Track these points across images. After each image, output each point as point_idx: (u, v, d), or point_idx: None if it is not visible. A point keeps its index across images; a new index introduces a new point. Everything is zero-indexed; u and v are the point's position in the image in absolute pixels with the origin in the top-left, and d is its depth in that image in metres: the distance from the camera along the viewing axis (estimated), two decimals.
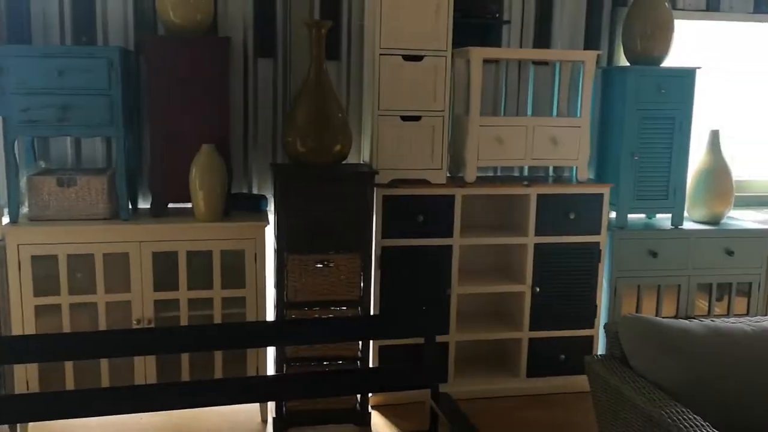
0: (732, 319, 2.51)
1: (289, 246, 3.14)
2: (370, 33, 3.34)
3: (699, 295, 3.81)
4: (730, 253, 3.75)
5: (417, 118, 3.36)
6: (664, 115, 3.64)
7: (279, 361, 3.19)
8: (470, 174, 3.48)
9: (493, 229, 3.73)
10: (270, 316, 3.30)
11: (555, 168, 3.88)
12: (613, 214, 3.76)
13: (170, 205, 3.34)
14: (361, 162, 3.62)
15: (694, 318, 3.68)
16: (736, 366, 2.22)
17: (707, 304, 3.83)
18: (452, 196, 3.44)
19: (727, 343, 2.26)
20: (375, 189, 3.32)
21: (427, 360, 2.15)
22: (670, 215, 3.79)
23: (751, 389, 2.20)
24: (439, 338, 3.52)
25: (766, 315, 3.84)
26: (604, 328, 2.46)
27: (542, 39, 3.83)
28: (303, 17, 3.51)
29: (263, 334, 2.41)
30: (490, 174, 3.87)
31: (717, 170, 3.80)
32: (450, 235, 3.47)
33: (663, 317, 3.73)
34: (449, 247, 3.48)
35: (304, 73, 3.26)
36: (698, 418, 1.95)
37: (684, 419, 1.95)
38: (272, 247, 3.28)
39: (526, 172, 3.90)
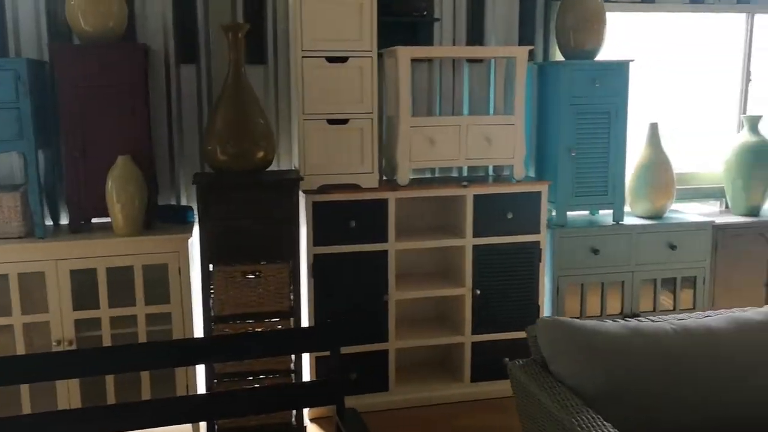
0: (657, 318, 2.44)
1: (214, 258, 3.04)
2: (293, 35, 3.24)
3: (644, 290, 3.75)
4: (672, 247, 3.69)
5: (344, 121, 3.27)
6: (599, 109, 3.58)
7: (209, 378, 3.08)
8: (403, 176, 3.40)
9: (432, 231, 3.64)
10: (198, 331, 3.18)
11: (495, 167, 3.80)
12: (554, 212, 3.70)
13: (94, 220, 3.23)
14: (293, 168, 3.52)
15: (639, 315, 3.63)
16: (658, 367, 2.14)
17: (653, 300, 3.76)
18: (385, 200, 3.35)
19: (649, 343, 2.19)
20: (304, 195, 3.24)
21: (331, 374, 2.05)
22: (612, 211, 3.73)
23: (673, 390, 2.12)
24: (378, 346, 3.45)
25: (713, 308, 3.79)
26: (525, 331, 2.38)
27: (476, 36, 3.75)
28: (224, 21, 3.41)
29: (189, 351, 2.30)
30: (428, 176, 3.79)
31: (657, 163, 3.74)
32: (385, 239, 3.38)
33: (608, 315, 3.69)
34: (384, 252, 3.39)
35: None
36: (608, 425, 1.87)
37: (594, 426, 1.87)
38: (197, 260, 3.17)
39: (465, 172, 3.83)
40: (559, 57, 3.77)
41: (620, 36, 3.95)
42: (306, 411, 3.34)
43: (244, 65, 3.08)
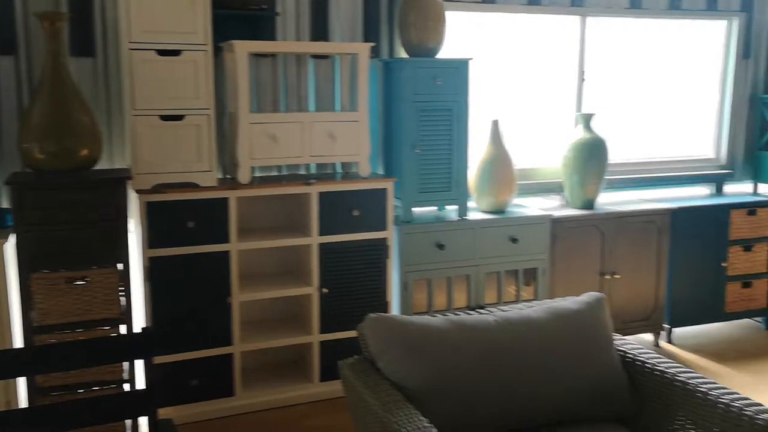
0: (485, 311, 2.49)
1: (33, 264, 2.82)
2: (120, 26, 3.07)
3: (489, 283, 3.85)
4: (514, 240, 3.81)
5: (179, 118, 3.13)
6: (441, 106, 3.63)
7: (31, 392, 2.86)
8: (244, 174, 3.30)
9: (278, 230, 3.57)
10: (19, 343, 2.95)
11: (344, 164, 3.78)
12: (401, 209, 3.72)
13: None
14: (127, 167, 3.34)
15: (482, 308, 3.72)
16: (479, 359, 2.18)
17: (497, 292, 3.87)
18: (225, 199, 3.25)
19: (471, 336, 2.22)
20: (137, 195, 3.08)
21: (146, 385, 1.94)
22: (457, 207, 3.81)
23: (494, 380, 2.17)
24: (222, 350, 3.34)
25: (553, 298, 3.93)
26: (357, 329, 2.36)
27: (319, 31, 3.71)
28: (46, 8, 3.17)
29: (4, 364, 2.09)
30: (275, 173, 3.71)
31: (499, 159, 3.85)
32: (226, 240, 3.27)
33: (455, 308, 3.76)
34: (226, 253, 3.28)
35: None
36: (424, 420, 1.88)
37: (411, 421, 1.87)
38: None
39: (314, 170, 3.78)
40: (404, 54, 3.80)
41: (464, 35, 4.03)
42: (143, 421, 3.18)
43: (65, 57, 2.88)
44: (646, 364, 2.28)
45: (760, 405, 1.94)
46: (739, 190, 4.78)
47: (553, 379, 2.22)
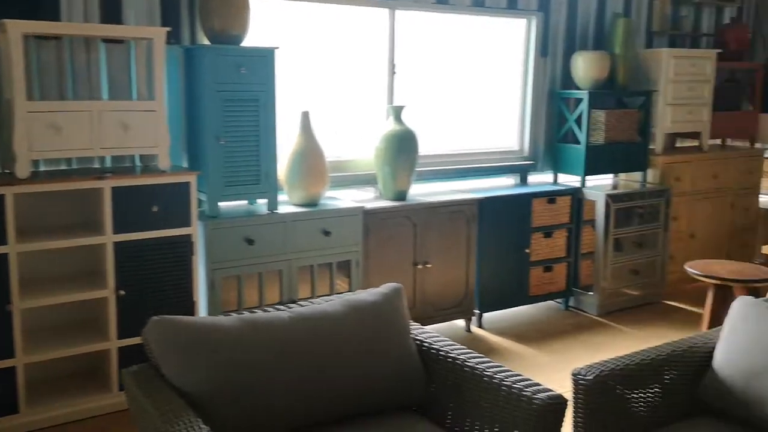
0: (283, 307, 2.42)
1: None
2: None
3: (302, 277, 3.78)
4: (327, 233, 3.77)
5: None
6: (247, 96, 3.49)
7: None
8: (22, 169, 2.98)
9: (71, 229, 3.27)
10: None
11: (143, 157, 3.54)
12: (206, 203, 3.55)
13: None
14: None
15: (295, 302, 3.64)
16: (273, 357, 2.09)
17: (311, 286, 3.82)
18: (1, 196, 2.92)
19: (263, 334, 2.13)
20: None
21: None
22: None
23: (288, 377, 2.09)
24: (2, 363, 3.01)
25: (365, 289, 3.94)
26: (141, 335, 2.19)
27: (112, 13, 3.44)
28: None
29: None
30: (64, 167, 3.40)
31: (309, 151, 3.78)
32: (3, 242, 2.95)
33: (267, 304, 3.65)
34: (4, 256, 2.96)
35: None
36: (205, 427, 1.76)
37: (189, 431, 1.75)
38: None
39: (109, 162, 3.51)
40: (206, 41, 3.62)
41: (272, 24, 3.92)
42: None
43: None
44: (440, 352, 2.31)
45: (538, 385, 2.02)
46: (541, 180, 5.07)
47: (350, 372, 2.19)
